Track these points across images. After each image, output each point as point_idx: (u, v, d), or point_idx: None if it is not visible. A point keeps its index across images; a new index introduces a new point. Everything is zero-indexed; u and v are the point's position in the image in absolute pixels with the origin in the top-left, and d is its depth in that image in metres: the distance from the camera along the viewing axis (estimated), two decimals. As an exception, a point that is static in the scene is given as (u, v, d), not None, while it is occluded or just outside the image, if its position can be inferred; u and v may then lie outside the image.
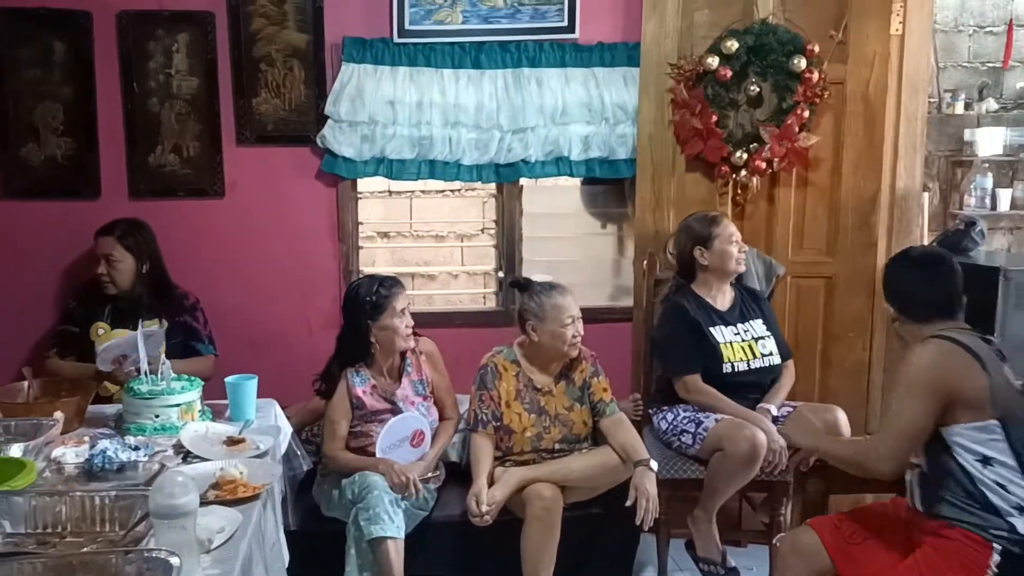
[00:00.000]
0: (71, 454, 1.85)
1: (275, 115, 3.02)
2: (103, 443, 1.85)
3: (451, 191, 3.68)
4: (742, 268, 2.78)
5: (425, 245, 3.98)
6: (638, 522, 2.32)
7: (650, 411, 2.86)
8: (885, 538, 1.95)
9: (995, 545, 1.77)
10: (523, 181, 3.22)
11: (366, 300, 2.47)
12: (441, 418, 2.63)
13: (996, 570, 1.76)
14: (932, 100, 4.09)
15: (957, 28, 4.25)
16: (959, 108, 4.18)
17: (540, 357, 2.55)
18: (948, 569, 1.80)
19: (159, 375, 2.19)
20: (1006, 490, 1.80)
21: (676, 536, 2.74)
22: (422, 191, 3.64)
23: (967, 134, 4.20)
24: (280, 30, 2.97)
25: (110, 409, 2.32)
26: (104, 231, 2.79)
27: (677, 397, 2.74)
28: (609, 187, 3.34)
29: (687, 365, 2.66)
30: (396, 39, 2.98)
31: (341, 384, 2.51)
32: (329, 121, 2.99)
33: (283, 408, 2.48)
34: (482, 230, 3.68)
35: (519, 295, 2.60)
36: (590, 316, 3.14)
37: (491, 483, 2.44)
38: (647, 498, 2.32)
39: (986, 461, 1.81)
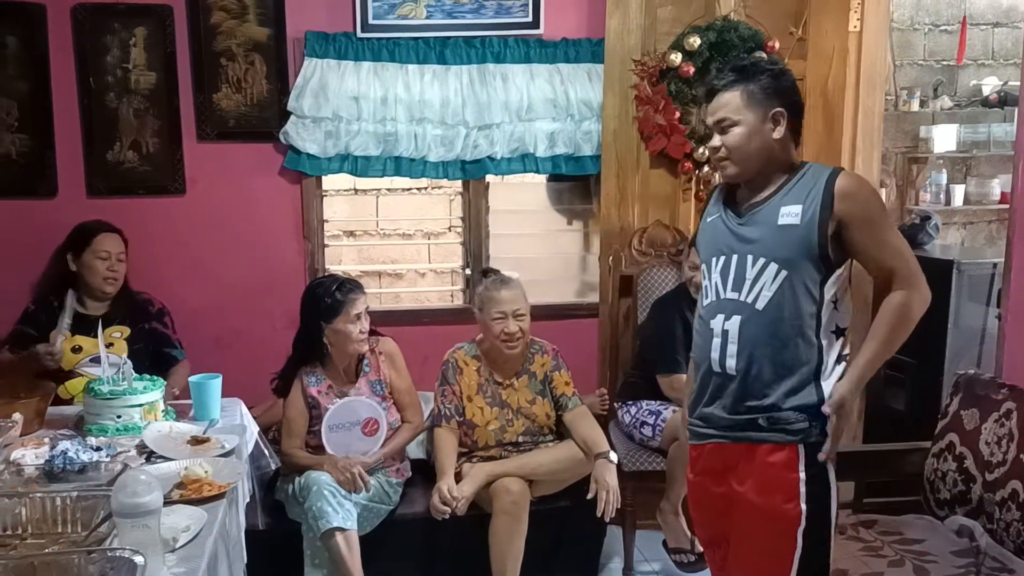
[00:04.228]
0: (31, 456, 1.81)
1: (236, 110, 2.98)
2: (63, 444, 1.81)
3: (418, 189, 3.67)
4: None
5: (392, 243, 3.96)
6: (599, 514, 2.35)
7: (615, 405, 2.88)
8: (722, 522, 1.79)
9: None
10: (489, 178, 3.23)
11: (322, 301, 2.46)
12: (403, 420, 2.62)
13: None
14: (889, 97, 4.18)
15: (913, 26, 4.34)
16: (915, 105, 4.27)
17: (494, 351, 2.56)
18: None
19: (120, 375, 2.15)
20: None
21: (642, 527, 2.77)
22: (388, 189, 3.62)
23: (922, 131, 4.29)
24: (241, 24, 2.93)
25: (71, 410, 2.28)
26: (108, 229, 2.75)
27: (642, 391, 2.77)
28: (575, 183, 3.36)
29: (675, 363, 2.64)
30: (359, 34, 2.96)
31: (296, 383, 2.50)
32: (292, 117, 2.96)
33: (249, 407, 2.46)
34: (449, 228, 3.67)
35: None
36: (556, 312, 3.18)
37: (457, 479, 2.45)
38: (607, 490, 2.35)
39: (836, 303, 1.68)
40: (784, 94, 1.74)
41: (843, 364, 1.70)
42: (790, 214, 1.67)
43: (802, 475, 1.67)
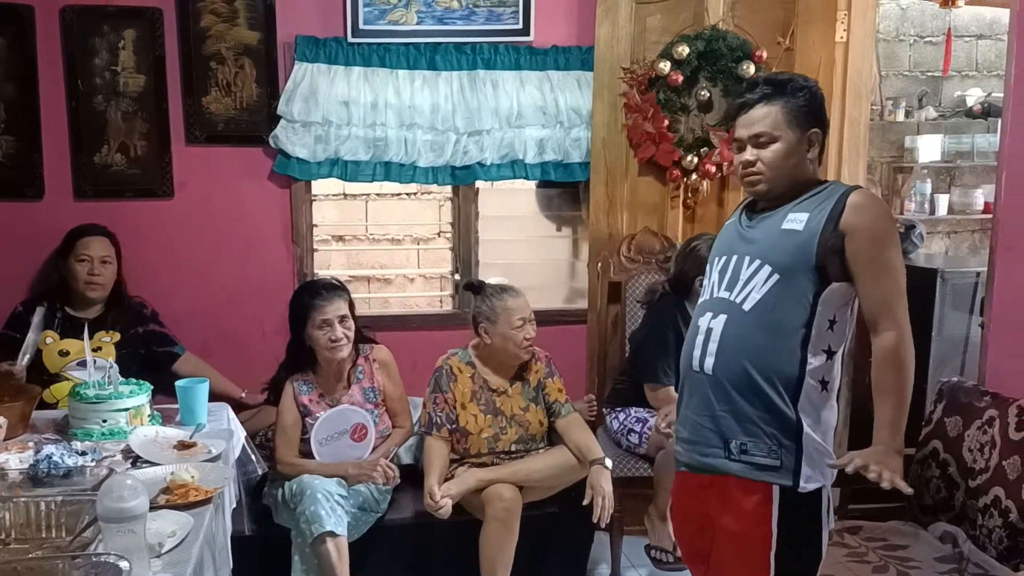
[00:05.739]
0: (15, 460, 1.80)
1: (226, 114, 2.97)
2: (48, 448, 1.80)
3: (407, 194, 3.67)
4: None
5: (381, 248, 3.96)
6: (595, 519, 2.35)
7: (604, 411, 2.89)
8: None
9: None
10: (479, 184, 3.23)
11: (296, 306, 2.48)
12: (393, 427, 2.62)
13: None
14: (875, 107, 4.22)
15: (899, 37, 4.40)
16: (900, 116, 4.32)
17: (494, 359, 2.56)
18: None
19: (106, 379, 2.14)
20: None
21: (629, 533, 2.78)
22: (378, 194, 3.62)
23: (908, 141, 4.34)
24: (231, 27, 2.93)
25: (56, 414, 2.26)
26: (93, 232, 2.72)
27: (631, 398, 2.78)
28: (564, 190, 3.37)
29: (664, 374, 2.64)
30: (350, 39, 2.96)
31: (287, 391, 2.49)
32: (282, 121, 2.95)
33: (237, 412, 2.45)
34: (438, 233, 3.68)
35: (473, 298, 2.61)
36: (545, 318, 3.17)
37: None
38: (603, 496, 2.35)
39: (832, 323, 1.64)
40: (819, 114, 1.71)
41: (825, 391, 1.65)
42: (795, 220, 1.66)
43: (775, 512, 1.64)
